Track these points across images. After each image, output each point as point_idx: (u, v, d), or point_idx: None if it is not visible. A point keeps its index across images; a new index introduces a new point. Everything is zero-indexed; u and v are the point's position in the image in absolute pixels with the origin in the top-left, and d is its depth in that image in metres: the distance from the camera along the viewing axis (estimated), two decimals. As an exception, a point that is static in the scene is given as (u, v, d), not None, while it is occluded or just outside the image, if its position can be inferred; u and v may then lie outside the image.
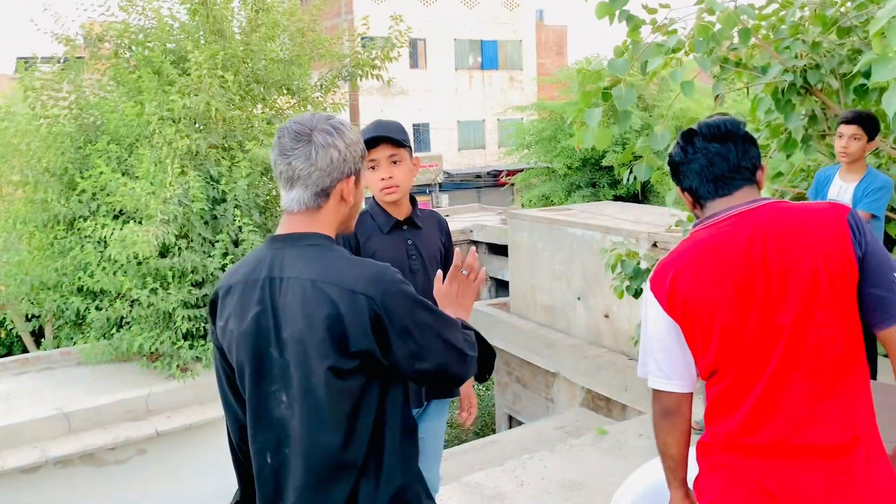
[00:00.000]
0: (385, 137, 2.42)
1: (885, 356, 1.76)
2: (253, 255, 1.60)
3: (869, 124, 3.74)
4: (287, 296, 1.49)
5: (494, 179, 28.83)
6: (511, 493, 3.68)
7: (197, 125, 7.80)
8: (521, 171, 21.35)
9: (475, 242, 18.38)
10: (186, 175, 7.32)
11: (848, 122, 3.74)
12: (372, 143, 2.43)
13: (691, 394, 1.74)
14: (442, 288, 1.80)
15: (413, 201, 2.63)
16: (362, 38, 9.36)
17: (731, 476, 1.66)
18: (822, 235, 1.56)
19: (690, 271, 1.64)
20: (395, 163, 2.47)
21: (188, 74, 7.44)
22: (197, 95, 7.28)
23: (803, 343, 1.56)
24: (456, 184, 29.12)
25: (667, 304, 1.68)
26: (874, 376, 3.87)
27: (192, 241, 7.58)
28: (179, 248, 7.47)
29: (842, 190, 3.84)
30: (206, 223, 7.72)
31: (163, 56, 7.71)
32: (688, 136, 1.74)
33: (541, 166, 19.28)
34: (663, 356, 1.71)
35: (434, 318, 1.56)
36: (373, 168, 2.46)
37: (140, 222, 7.17)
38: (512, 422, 10.89)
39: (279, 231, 1.58)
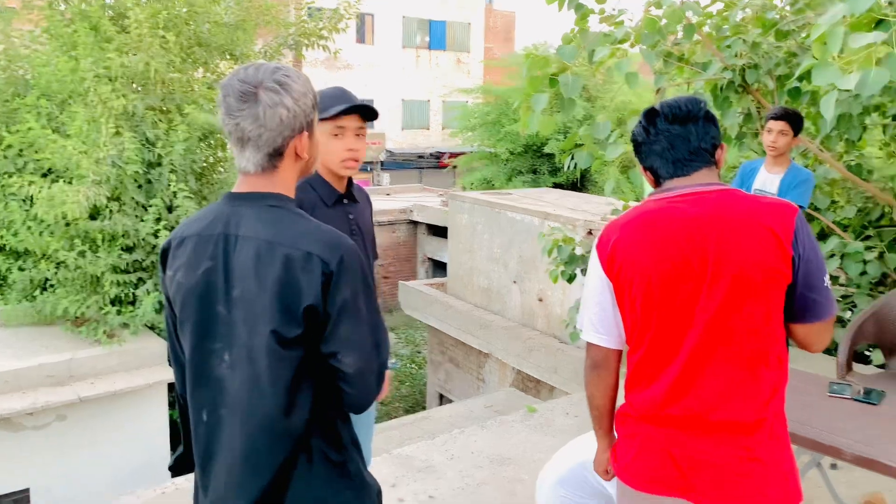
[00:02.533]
0: (360, 107, 2.33)
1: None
2: (209, 209, 1.56)
3: (795, 121, 3.94)
4: (241, 254, 1.47)
5: (437, 161, 28.82)
6: (441, 465, 3.74)
7: (135, 85, 7.55)
8: (465, 153, 21.39)
9: (415, 223, 18.39)
10: (121, 136, 7.08)
11: (777, 118, 3.93)
12: (344, 111, 2.34)
13: (620, 351, 1.81)
14: None
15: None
16: (309, 8, 9.19)
17: (644, 444, 1.74)
18: (767, 230, 1.62)
19: (633, 237, 1.70)
20: (358, 136, 2.38)
21: (127, 32, 7.18)
22: (136, 55, 7.04)
23: (727, 327, 1.64)
24: (398, 163, 28.99)
25: (606, 263, 1.74)
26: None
27: (124, 204, 7.36)
28: (111, 211, 7.24)
29: (767, 181, 4.02)
30: (139, 187, 7.50)
31: (101, 11, 7.42)
32: (650, 117, 1.78)
33: (484, 150, 19.36)
34: (597, 311, 1.78)
35: (372, 316, 1.51)
36: (337, 136, 2.35)
37: (70, 182, 6.93)
38: (443, 400, 11.01)
39: (237, 189, 1.54)
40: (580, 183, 18.24)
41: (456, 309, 10.18)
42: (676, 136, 1.73)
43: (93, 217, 7.27)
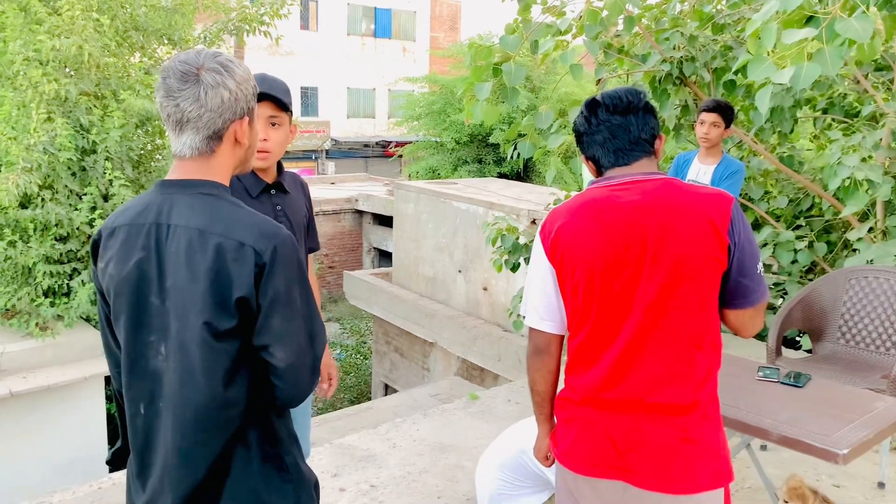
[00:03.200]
0: (269, 96, 2.21)
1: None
2: (141, 198, 1.52)
3: (727, 113, 4.06)
4: (173, 244, 1.43)
5: (383, 150, 28.68)
6: (383, 453, 3.74)
7: (67, 70, 7.29)
8: (411, 142, 21.34)
9: (360, 212, 18.29)
10: (53, 122, 6.84)
11: (709, 110, 4.04)
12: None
13: (562, 336, 1.84)
14: None
15: (279, 165, 2.44)
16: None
17: (584, 428, 1.78)
18: (703, 218, 1.67)
19: (575, 225, 1.74)
20: (273, 125, 2.27)
21: (59, 14, 6.93)
22: (69, 38, 6.80)
23: (664, 312, 1.69)
24: (344, 152, 28.74)
25: (549, 250, 1.77)
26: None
27: (57, 192, 7.13)
28: (43, 200, 7.01)
29: (700, 172, 4.12)
30: (73, 174, 7.27)
31: (30, -9, 7.13)
32: (592, 108, 1.81)
33: (429, 139, 19.35)
34: (540, 297, 1.81)
35: (307, 308, 1.49)
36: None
37: (-1, 169, 6.68)
38: (388, 390, 11.01)
39: (170, 176, 1.50)
40: (524, 173, 18.39)
41: (401, 298, 10.18)
42: (617, 127, 1.77)
43: (24, 206, 7.03)
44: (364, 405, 7.64)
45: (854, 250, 5.09)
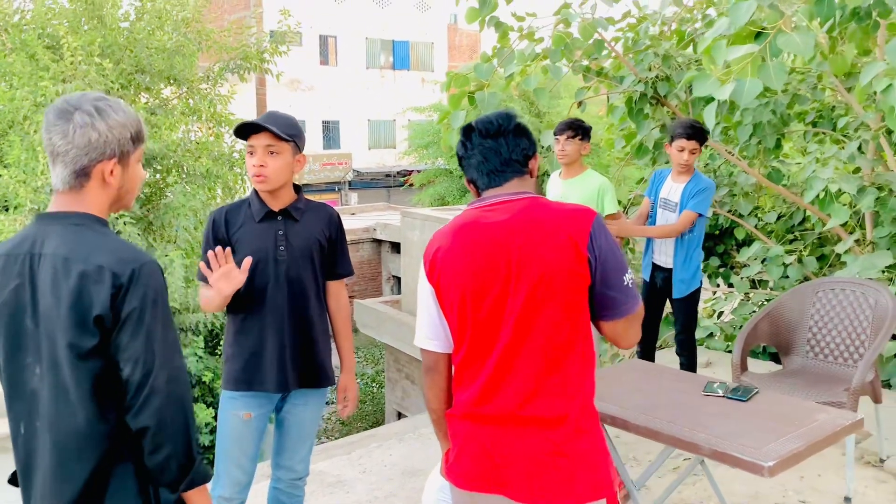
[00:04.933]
0: (265, 127, 2.46)
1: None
2: (22, 231, 1.64)
3: (701, 136, 4.08)
4: (43, 271, 1.54)
5: (404, 179, 28.97)
6: (352, 479, 3.78)
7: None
8: (420, 171, 21.61)
9: (379, 241, 18.44)
10: (60, 163, 7.09)
11: (688, 137, 4.04)
12: (252, 129, 2.49)
13: (449, 354, 1.89)
14: None
15: (298, 192, 2.65)
16: (271, 33, 9.24)
17: (465, 442, 1.82)
18: (564, 234, 1.72)
19: (450, 245, 1.80)
20: (271, 153, 2.49)
21: (63, 60, 7.22)
22: (71, 83, 7.08)
23: (531, 327, 1.73)
24: (366, 182, 29.07)
25: (428, 271, 1.84)
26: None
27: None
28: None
29: (672, 190, 4.14)
30: (80, 214, 7.50)
31: (38, 40, 7.45)
32: (467, 133, 1.90)
33: (439, 167, 19.57)
34: (425, 318, 1.88)
35: (164, 333, 1.53)
36: (250, 153, 2.52)
37: (7, 210, 6.92)
38: (400, 417, 11.01)
39: (49, 208, 1.62)
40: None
41: (409, 326, 10.21)
42: (489, 150, 1.84)
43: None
44: (368, 432, 7.65)
45: (844, 263, 5.04)
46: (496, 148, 1.83)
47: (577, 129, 4.14)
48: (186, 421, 1.55)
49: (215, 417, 5.71)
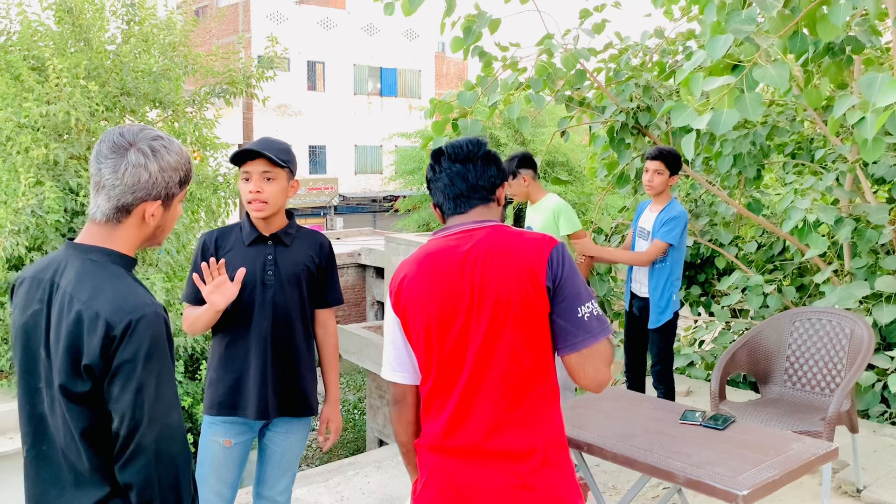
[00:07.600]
0: (261, 154, 2.46)
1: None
2: (51, 254, 1.62)
3: (671, 160, 4.05)
4: (55, 303, 1.53)
5: (391, 204, 29.03)
6: (329, 507, 3.75)
7: (60, 134, 7.55)
8: (406, 196, 21.67)
9: (363, 266, 18.41)
10: (42, 185, 7.06)
11: (652, 158, 4.06)
12: (249, 155, 2.49)
13: (416, 386, 1.86)
14: None
15: (290, 219, 2.66)
16: (259, 58, 9.27)
17: (432, 474, 1.80)
18: (522, 263, 1.71)
19: (414, 275, 1.79)
20: (268, 179, 2.50)
21: (47, 82, 7.22)
22: (56, 104, 7.07)
23: (491, 358, 1.71)
24: (352, 207, 29.11)
25: (394, 302, 1.83)
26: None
27: (45, 253, 7.30)
28: (32, 261, 7.18)
29: (647, 219, 4.16)
30: (63, 236, 7.44)
31: (23, 61, 7.44)
32: (437, 157, 1.89)
33: (425, 193, 19.64)
34: (392, 350, 1.86)
35: (156, 387, 1.47)
36: (246, 180, 2.52)
37: (-13, 232, 6.86)
38: (382, 445, 10.92)
39: (80, 236, 1.60)
40: (515, 223, 18.53)
41: (393, 351, 10.17)
42: (456, 174, 1.83)
43: (16, 267, 7.20)
44: (348, 460, 7.57)
45: (823, 293, 5.08)
46: (463, 173, 1.83)
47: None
48: (178, 480, 1.49)
49: (194, 443, 5.66)
